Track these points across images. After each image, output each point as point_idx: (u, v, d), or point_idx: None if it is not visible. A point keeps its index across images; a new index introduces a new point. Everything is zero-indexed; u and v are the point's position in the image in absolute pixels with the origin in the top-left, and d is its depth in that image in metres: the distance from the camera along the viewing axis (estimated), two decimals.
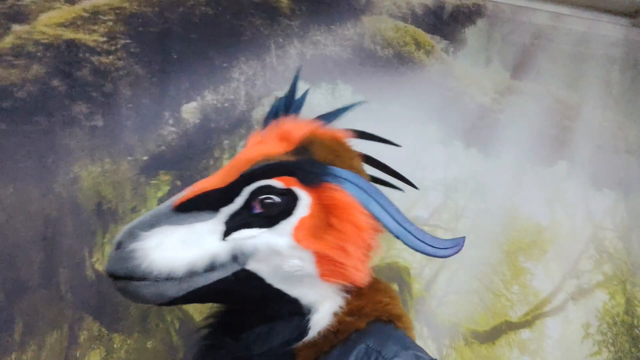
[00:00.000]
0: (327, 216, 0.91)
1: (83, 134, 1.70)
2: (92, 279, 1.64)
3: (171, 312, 1.69)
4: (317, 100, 1.92)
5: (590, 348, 2.18)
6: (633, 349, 2.21)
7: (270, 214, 0.90)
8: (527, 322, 2.15)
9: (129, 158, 1.73)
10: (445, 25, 2.14)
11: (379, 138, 1.13)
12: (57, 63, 1.71)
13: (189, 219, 0.88)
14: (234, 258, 0.88)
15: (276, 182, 0.91)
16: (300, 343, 0.90)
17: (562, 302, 2.20)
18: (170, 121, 1.79)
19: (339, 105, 2.00)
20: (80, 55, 1.73)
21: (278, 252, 0.89)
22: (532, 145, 2.19)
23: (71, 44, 1.72)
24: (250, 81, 1.88)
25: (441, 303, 2.04)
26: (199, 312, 1.68)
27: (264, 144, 0.98)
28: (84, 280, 1.63)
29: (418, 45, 2.09)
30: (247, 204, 0.90)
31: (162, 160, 1.76)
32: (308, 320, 0.91)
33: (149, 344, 1.67)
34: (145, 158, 1.74)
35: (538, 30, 2.26)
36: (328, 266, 0.91)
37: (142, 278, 0.83)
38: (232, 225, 0.89)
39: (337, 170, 0.94)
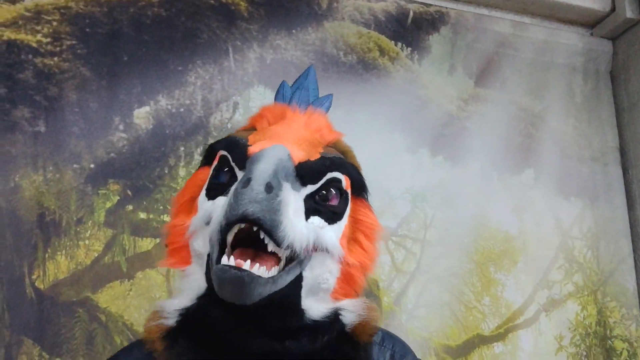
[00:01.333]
0: (354, 231, 0.86)
1: (25, 140, 1.58)
2: (31, 297, 1.49)
3: (121, 333, 1.55)
4: None
5: None
6: None
7: (337, 210, 0.82)
8: (499, 335, 2.08)
9: (75, 166, 1.61)
10: (408, 32, 2.11)
11: None
12: None
13: (295, 185, 0.77)
14: (313, 249, 0.78)
15: (343, 179, 0.84)
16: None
17: (534, 314, 2.14)
18: (121, 127, 1.68)
19: None
20: (22, 56, 1.61)
21: (332, 257, 0.81)
22: (498, 153, 2.16)
23: (12, 45, 1.61)
24: (207, 85, 1.78)
25: (411, 317, 1.95)
26: None
27: (302, 127, 0.87)
28: (23, 299, 1.48)
29: (382, 51, 2.05)
30: (320, 190, 0.81)
31: (112, 169, 1.64)
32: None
33: None
34: (92, 166, 1.62)
35: (501, 39, 2.25)
36: (344, 285, 0.84)
37: (276, 242, 0.72)
38: (308, 206, 0.79)
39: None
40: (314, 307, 0.80)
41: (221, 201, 0.77)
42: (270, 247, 0.73)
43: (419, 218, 2.01)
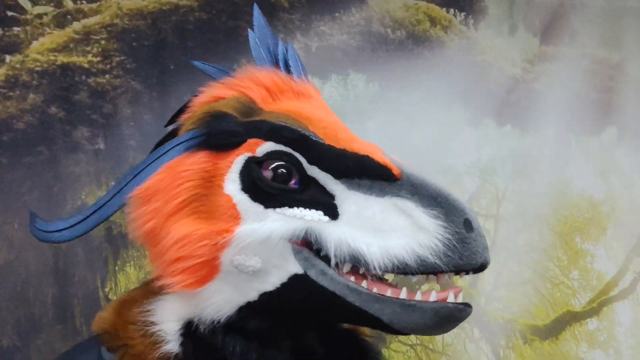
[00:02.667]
0: None
1: (87, 159, 1.64)
2: None
3: None
4: (328, 93, 1.79)
5: None
6: None
7: None
8: (593, 311, 1.94)
9: None
10: None
11: None
12: (53, 89, 1.65)
13: None
14: None
15: None
16: None
17: (631, 284, 1.98)
18: None
19: (352, 96, 1.88)
20: (76, 78, 1.67)
21: None
22: (574, 114, 1.99)
23: (66, 68, 1.67)
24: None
25: (491, 298, 1.86)
26: None
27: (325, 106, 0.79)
28: (98, 312, 1.54)
29: (433, 21, 1.93)
30: None
31: None
32: None
33: None
34: None
35: None
36: None
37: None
38: None
39: None
40: None
41: (313, 216, 0.65)
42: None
43: (489, 193, 1.90)
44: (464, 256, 0.62)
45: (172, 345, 0.67)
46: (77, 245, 1.57)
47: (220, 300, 0.67)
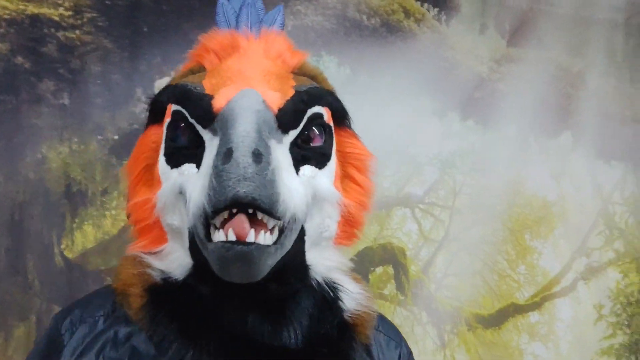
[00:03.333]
0: (345, 166, 0.75)
1: (50, 113, 1.61)
2: (61, 266, 1.54)
3: None
4: None
5: (605, 330, 2.04)
6: None
7: (324, 150, 0.71)
8: (535, 304, 2.02)
9: (99, 137, 1.63)
10: None
11: None
12: (21, 39, 1.62)
13: (278, 137, 0.65)
14: (307, 206, 0.66)
15: (325, 112, 0.71)
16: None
17: (572, 282, 2.06)
18: (143, 98, 1.68)
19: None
20: (45, 30, 1.64)
21: (330, 204, 0.70)
22: (534, 116, 2.06)
23: (35, 19, 1.63)
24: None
25: (441, 286, 1.91)
26: None
27: (262, 57, 0.74)
28: (52, 268, 1.53)
29: (407, 13, 1.98)
30: (302, 132, 0.68)
31: (135, 140, 1.63)
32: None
33: None
34: (116, 137, 1.64)
35: None
36: (346, 227, 0.74)
37: (277, 217, 0.60)
38: (294, 156, 0.67)
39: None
40: (319, 258, 0.71)
41: (189, 169, 0.65)
42: (266, 220, 0.60)
43: (448, 185, 1.95)
44: (216, 191, 0.57)
45: (156, 276, 0.68)
46: (35, 199, 1.54)
47: (175, 260, 0.69)
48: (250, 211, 0.59)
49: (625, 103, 2.18)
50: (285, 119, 0.64)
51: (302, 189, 0.65)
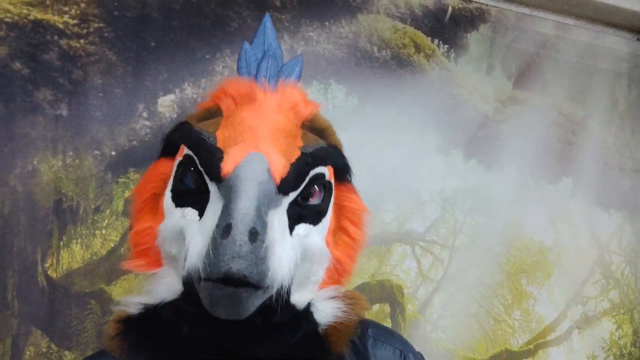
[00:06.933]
0: (339, 219, 0.81)
1: (45, 123, 1.53)
2: (43, 286, 1.44)
3: None
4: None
5: None
6: None
7: (321, 208, 0.75)
8: (529, 352, 1.98)
9: (96, 152, 1.55)
10: (446, 29, 2.02)
11: None
12: (21, 44, 1.54)
13: (278, 201, 0.70)
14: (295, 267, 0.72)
15: (327, 172, 0.76)
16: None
17: (567, 331, 2.03)
18: (145, 114, 1.62)
19: (331, 107, 1.86)
20: (48, 37, 1.56)
21: (321, 257, 0.76)
22: (535, 159, 2.05)
23: (38, 25, 1.56)
24: (235, 75, 1.71)
25: (436, 327, 1.86)
26: None
27: (275, 112, 0.77)
28: (34, 287, 1.42)
29: (417, 48, 1.96)
30: (302, 192, 0.73)
31: (133, 157, 1.58)
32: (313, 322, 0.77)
33: None
34: (113, 153, 1.57)
35: (543, 40, 2.14)
36: (334, 274, 0.80)
37: (264, 287, 0.64)
38: (291, 215, 0.72)
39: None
40: (303, 300, 0.76)
41: (192, 215, 0.70)
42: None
43: (449, 223, 1.92)
44: (212, 263, 0.62)
45: (132, 310, 0.74)
46: (21, 212, 1.45)
47: (166, 283, 0.74)
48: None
49: (626, 153, 2.19)
50: (287, 186, 0.69)
51: (292, 252, 0.69)
